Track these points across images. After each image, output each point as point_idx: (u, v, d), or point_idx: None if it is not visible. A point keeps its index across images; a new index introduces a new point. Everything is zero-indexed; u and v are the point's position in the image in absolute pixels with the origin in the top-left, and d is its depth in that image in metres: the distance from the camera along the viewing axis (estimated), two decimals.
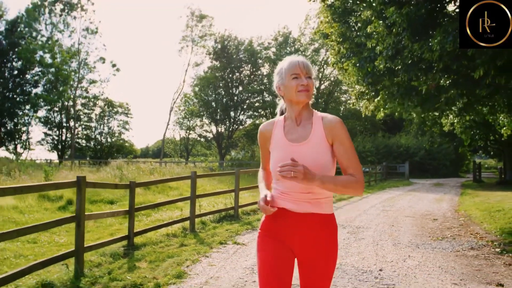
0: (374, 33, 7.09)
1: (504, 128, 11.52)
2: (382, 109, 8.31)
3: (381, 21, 7.24)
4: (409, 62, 6.81)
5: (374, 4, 7.38)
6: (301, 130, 1.96)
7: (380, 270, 4.97)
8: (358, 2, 8.45)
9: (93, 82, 39.36)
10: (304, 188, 1.87)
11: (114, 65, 38.63)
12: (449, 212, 11.24)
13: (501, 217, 9.30)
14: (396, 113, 8.28)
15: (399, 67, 7.21)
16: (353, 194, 1.88)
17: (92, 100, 39.73)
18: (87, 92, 39.55)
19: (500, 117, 10.92)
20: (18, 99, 35.47)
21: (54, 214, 10.52)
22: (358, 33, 8.10)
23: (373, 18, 7.43)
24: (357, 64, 8.02)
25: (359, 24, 8.20)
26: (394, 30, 6.85)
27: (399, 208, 11.85)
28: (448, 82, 6.83)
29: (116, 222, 9.56)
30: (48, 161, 30.94)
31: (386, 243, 6.72)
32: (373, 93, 8.27)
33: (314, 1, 8.60)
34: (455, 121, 8.82)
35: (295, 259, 1.98)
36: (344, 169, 1.91)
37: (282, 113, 2.16)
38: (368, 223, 8.83)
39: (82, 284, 4.51)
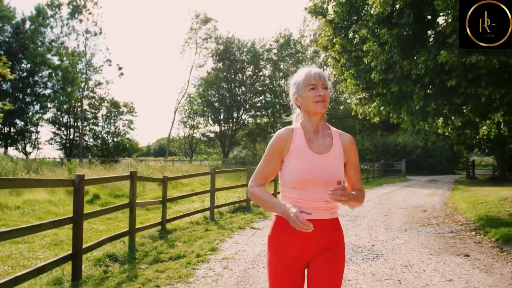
0: (369, 50, 8.29)
1: (484, 128, 12.73)
2: (377, 114, 9.52)
3: (374, 38, 8.44)
4: (400, 75, 8.01)
5: (370, 24, 8.59)
6: (322, 141, 2.03)
7: (373, 245, 6.20)
8: (355, 18, 9.68)
9: (99, 84, 40.53)
10: (322, 198, 1.94)
11: (120, 68, 39.82)
12: (439, 204, 12.45)
13: (482, 208, 10.52)
14: (391, 119, 9.48)
15: (391, 77, 8.43)
16: (359, 205, 2.09)
17: (98, 100, 40.92)
18: (94, 93, 40.73)
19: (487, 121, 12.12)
20: (27, 99, 36.70)
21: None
22: (356, 47, 9.31)
23: (368, 35, 8.64)
24: (355, 75, 9.24)
25: (356, 39, 9.40)
26: (386, 48, 8.06)
27: (394, 201, 13.06)
28: (432, 91, 8.04)
29: (141, 214, 10.76)
30: (60, 160, 32.08)
31: (379, 228, 7.94)
32: (369, 99, 9.48)
33: (316, 17, 9.79)
34: (440, 122, 10.01)
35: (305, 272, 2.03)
36: (352, 184, 2.10)
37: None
38: (364, 214, 10.04)
39: (137, 256, 5.71)
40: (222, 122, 42.12)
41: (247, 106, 41.39)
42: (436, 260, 5.38)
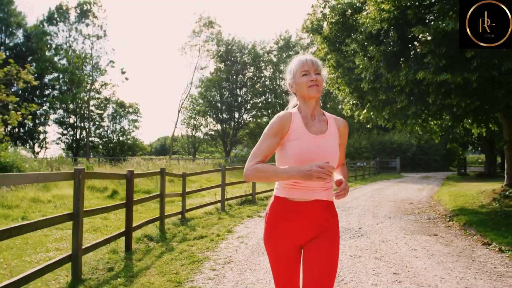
0: (359, 63, 9.62)
1: (475, 129, 14.05)
2: (370, 121, 10.90)
3: (363, 52, 9.76)
4: (386, 85, 9.34)
5: (358, 39, 9.92)
6: (318, 124, 2.12)
7: (359, 228, 7.54)
8: (346, 34, 11.00)
9: (105, 84, 41.84)
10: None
11: (123, 72, 41.17)
12: (425, 198, 13.77)
13: (461, 200, 11.86)
14: (379, 121, 10.84)
15: (378, 86, 9.76)
16: None
17: (104, 102, 42.25)
18: (99, 94, 42.04)
19: (468, 122, 13.45)
20: (37, 101, 38.02)
21: (105, 201, 13.02)
22: (348, 60, 10.64)
23: (358, 49, 9.97)
24: (348, 82, 10.58)
25: (348, 52, 10.73)
26: (374, 62, 9.38)
27: (385, 195, 14.39)
28: (413, 99, 9.37)
29: (156, 208, 12.08)
30: (65, 158, 33.34)
31: (367, 216, 9.27)
32: (360, 106, 10.83)
33: (313, 34, 11.12)
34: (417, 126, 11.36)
35: (301, 250, 2.11)
36: (340, 161, 2.28)
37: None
38: (356, 205, 11.36)
39: (167, 236, 7.03)
40: (223, 121, 43.46)
41: (248, 107, 42.72)
42: (408, 237, 6.72)
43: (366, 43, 9.65)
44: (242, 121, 44.16)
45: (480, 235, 6.87)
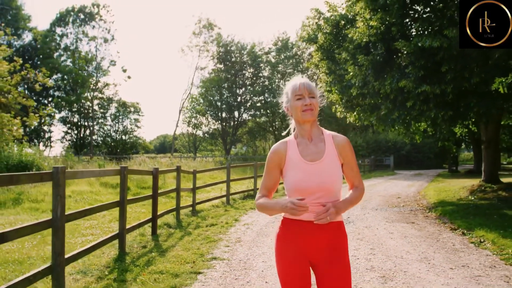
0: (350, 71, 10.80)
1: (456, 128, 15.25)
2: (358, 121, 12.10)
3: (353, 61, 10.92)
4: (372, 92, 10.52)
5: (349, 49, 11.08)
6: (314, 148, 2.11)
7: (348, 217, 8.73)
8: (338, 44, 12.17)
9: (107, 84, 42.97)
10: (321, 202, 2.00)
11: (124, 71, 42.36)
12: (413, 193, 14.96)
13: (444, 194, 13.07)
14: (365, 122, 12.06)
15: (366, 92, 10.94)
16: (358, 203, 2.23)
17: (107, 101, 43.39)
18: (102, 94, 43.16)
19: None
20: (43, 101, 39.18)
21: (117, 196, 14.17)
22: (339, 67, 11.82)
23: (348, 58, 11.13)
24: (340, 90, 11.75)
25: (340, 60, 11.91)
26: (363, 69, 10.56)
27: (376, 190, 15.59)
28: (397, 104, 10.56)
29: (167, 201, 13.24)
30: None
31: (356, 208, 10.45)
32: (350, 108, 12.04)
33: (309, 44, 12.29)
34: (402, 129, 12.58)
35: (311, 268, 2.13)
36: (351, 182, 2.19)
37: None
38: None
39: (183, 224, 8.19)
40: (223, 120, 44.67)
41: (248, 106, 43.94)
42: (389, 225, 7.91)
43: (355, 53, 10.81)
44: (242, 120, 45.35)
45: (451, 223, 8.06)
